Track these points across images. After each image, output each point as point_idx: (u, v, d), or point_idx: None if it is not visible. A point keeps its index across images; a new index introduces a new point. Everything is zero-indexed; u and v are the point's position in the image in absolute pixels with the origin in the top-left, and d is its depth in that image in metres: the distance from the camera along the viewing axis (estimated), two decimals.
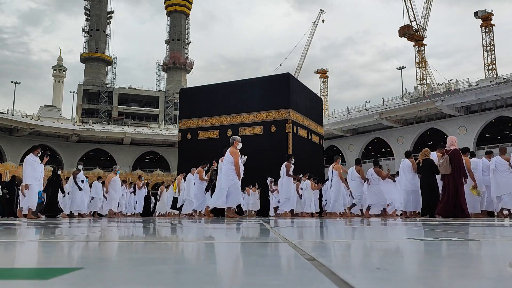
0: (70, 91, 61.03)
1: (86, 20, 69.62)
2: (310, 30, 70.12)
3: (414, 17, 58.49)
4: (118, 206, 13.66)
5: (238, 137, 9.20)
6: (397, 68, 53.64)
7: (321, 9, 72.36)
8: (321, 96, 55.27)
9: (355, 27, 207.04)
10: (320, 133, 20.21)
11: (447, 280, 0.85)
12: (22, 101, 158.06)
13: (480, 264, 1.21)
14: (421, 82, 57.37)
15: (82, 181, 12.22)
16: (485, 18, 52.67)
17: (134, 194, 15.69)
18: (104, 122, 55.79)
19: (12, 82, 50.25)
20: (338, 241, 2.10)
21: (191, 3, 73.93)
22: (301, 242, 1.95)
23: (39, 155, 10.04)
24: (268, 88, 17.17)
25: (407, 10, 57.92)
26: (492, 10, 53.12)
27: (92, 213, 12.92)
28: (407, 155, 9.89)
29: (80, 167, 12.63)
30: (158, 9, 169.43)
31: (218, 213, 10.07)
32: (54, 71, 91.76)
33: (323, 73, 73.04)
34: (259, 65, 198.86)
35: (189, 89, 22.44)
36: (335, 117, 46.63)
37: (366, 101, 47.37)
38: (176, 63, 69.54)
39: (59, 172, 11.52)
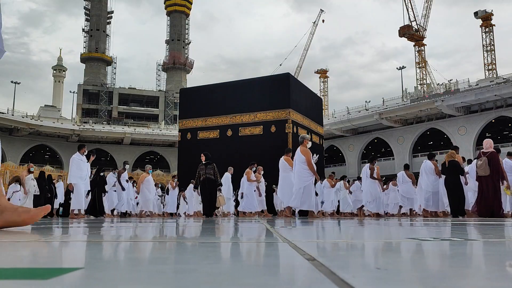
0: (70, 91, 61.09)
1: (86, 20, 69.64)
2: (310, 30, 70.19)
3: (414, 17, 58.52)
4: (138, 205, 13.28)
5: (308, 136, 8.87)
6: (397, 68, 53.68)
7: (321, 9, 72.45)
8: (321, 96, 55.26)
9: (354, 28, 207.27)
10: (320, 133, 20.22)
11: (448, 280, 0.85)
12: (22, 101, 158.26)
13: (482, 264, 1.21)
14: (421, 82, 57.37)
15: (127, 181, 12.16)
16: (485, 18, 52.67)
17: (168, 194, 15.74)
18: (104, 122, 55.79)
19: (12, 82, 50.30)
20: (339, 241, 2.10)
21: (191, 3, 73.93)
22: (301, 242, 1.95)
23: (85, 153, 9.74)
24: (268, 88, 17.19)
25: (407, 10, 57.96)
26: (492, 10, 53.14)
27: (119, 213, 12.76)
28: (430, 157, 10.16)
29: (127, 166, 12.45)
30: (158, 10, 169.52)
31: (304, 213, 9.53)
32: (54, 71, 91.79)
33: (323, 73, 73.04)
34: (258, 66, 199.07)
35: (189, 89, 22.45)
36: (335, 117, 46.63)
37: (366, 101, 47.40)
38: (176, 63, 69.53)
39: (102, 173, 11.34)
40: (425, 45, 59.63)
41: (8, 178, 24.49)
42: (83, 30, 69.91)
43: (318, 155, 9.09)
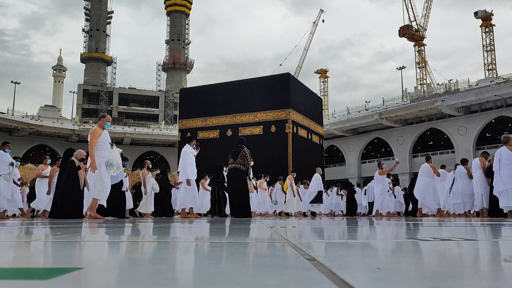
0: (70, 91, 61.08)
1: (86, 20, 69.66)
2: (310, 30, 70.23)
3: (414, 17, 58.51)
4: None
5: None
6: (397, 68, 53.67)
7: (321, 9, 72.39)
8: (321, 96, 55.24)
9: (352, 30, 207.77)
10: (320, 133, 20.21)
11: (448, 280, 0.85)
12: (22, 102, 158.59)
13: (480, 263, 1.21)
14: (421, 82, 57.37)
15: None
16: (485, 18, 52.71)
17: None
18: None
19: (12, 82, 50.27)
20: (339, 241, 2.10)
21: (191, 3, 73.95)
22: (301, 242, 1.95)
23: (194, 147, 8.70)
24: (268, 88, 17.17)
25: (407, 10, 57.95)
26: (492, 10, 53.17)
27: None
28: (463, 162, 10.63)
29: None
30: (159, 12, 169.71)
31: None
32: (54, 71, 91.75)
33: (323, 73, 72.99)
34: (258, 67, 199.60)
35: (189, 89, 22.44)
36: (335, 117, 46.60)
37: (366, 101, 47.37)
38: (176, 63, 69.52)
39: (225, 169, 10.41)
40: (425, 45, 59.61)
41: None
42: (83, 30, 69.91)
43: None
